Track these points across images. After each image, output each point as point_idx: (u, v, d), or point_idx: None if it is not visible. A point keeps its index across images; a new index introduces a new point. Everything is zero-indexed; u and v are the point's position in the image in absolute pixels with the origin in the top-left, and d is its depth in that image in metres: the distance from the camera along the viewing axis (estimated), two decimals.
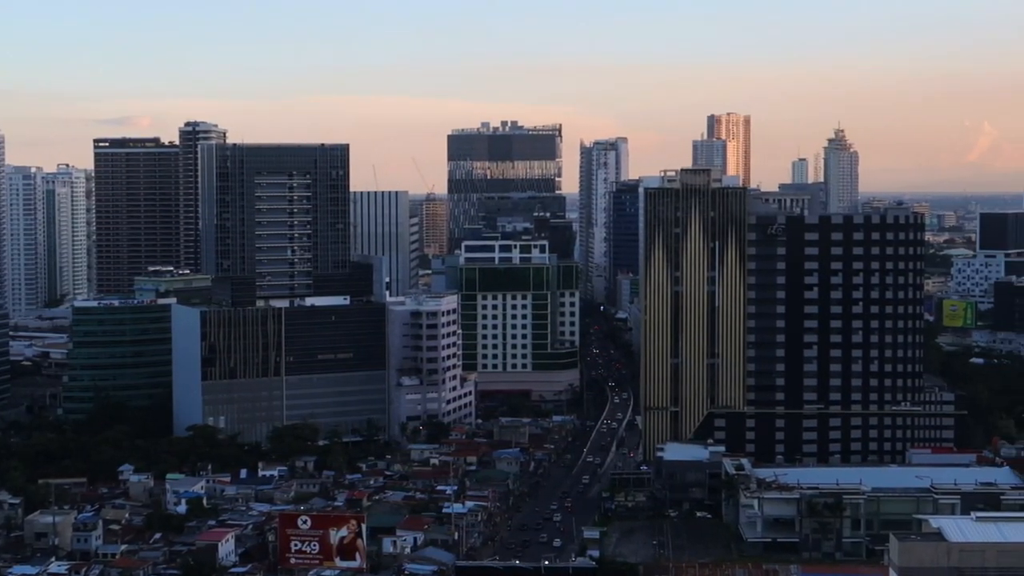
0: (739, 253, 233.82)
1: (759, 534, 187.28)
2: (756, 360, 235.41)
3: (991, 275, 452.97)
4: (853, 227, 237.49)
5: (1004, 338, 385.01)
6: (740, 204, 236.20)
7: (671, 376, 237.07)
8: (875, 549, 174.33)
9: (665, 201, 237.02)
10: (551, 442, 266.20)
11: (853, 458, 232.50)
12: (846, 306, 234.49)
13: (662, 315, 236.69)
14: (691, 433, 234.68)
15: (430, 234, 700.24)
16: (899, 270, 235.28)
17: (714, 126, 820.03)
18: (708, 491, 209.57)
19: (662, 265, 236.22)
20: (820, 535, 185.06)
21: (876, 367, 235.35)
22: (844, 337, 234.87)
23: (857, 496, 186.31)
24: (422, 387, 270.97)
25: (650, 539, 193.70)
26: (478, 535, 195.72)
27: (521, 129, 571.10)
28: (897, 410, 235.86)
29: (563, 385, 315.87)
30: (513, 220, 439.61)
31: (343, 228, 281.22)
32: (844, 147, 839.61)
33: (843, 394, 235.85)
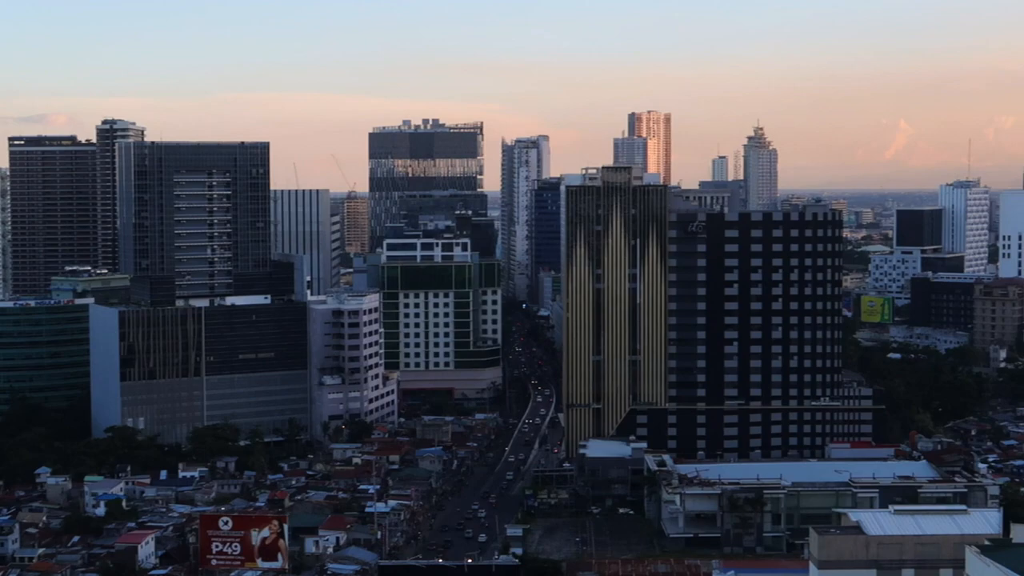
0: (660, 250, 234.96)
1: (681, 529, 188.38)
2: (677, 356, 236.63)
3: (908, 271, 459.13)
4: (772, 224, 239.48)
5: (921, 333, 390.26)
6: (661, 202, 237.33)
7: (593, 373, 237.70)
8: (795, 543, 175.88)
9: (586, 199, 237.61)
10: (474, 440, 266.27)
11: (774, 453, 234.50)
12: (766, 302, 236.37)
13: (584, 312, 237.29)
14: (613, 430, 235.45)
15: (351, 232, 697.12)
16: (818, 266, 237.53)
17: (635, 124, 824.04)
18: (630, 487, 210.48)
19: (584, 263, 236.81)
20: (741, 530, 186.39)
21: (796, 363, 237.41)
22: (764, 333, 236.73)
23: (777, 491, 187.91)
24: (344, 386, 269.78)
25: (573, 536, 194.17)
26: (401, 534, 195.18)
27: (443, 127, 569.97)
28: (816, 405, 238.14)
29: (486, 383, 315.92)
30: (435, 218, 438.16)
31: (263, 227, 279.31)
32: (763, 145, 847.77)
33: (763, 389, 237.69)
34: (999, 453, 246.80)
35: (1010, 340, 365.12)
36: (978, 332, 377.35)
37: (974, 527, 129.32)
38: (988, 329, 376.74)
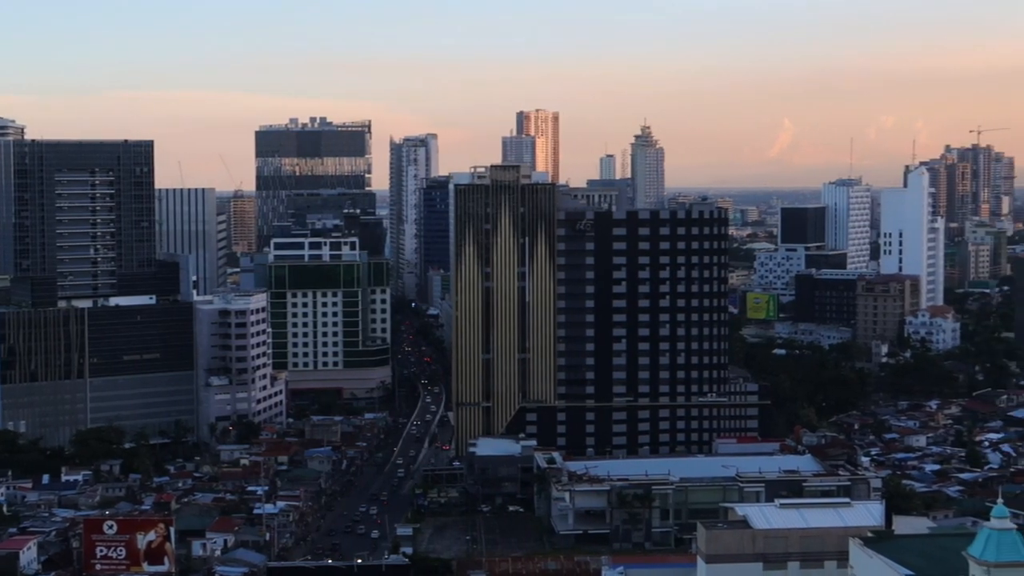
0: (549, 248, 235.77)
1: (571, 526, 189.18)
2: (566, 354, 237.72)
3: (792, 268, 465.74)
4: (660, 222, 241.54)
5: (805, 329, 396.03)
6: (549, 200, 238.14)
7: (482, 371, 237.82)
8: (683, 538, 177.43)
9: (475, 197, 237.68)
10: (363, 440, 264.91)
11: (662, 449, 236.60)
12: (653, 300, 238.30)
13: (473, 311, 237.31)
14: (503, 428, 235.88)
15: (238, 232, 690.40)
16: (704, 264, 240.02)
17: (523, 123, 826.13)
18: (520, 485, 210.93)
19: (473, 261, 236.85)
20: (630, 526, 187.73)
21: (683, 359, 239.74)
22: (652, 330, 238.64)
23: (666, 486, 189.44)
24: (231, 387, 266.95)
25: (463, 534, 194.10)
26: (290, 535, 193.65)
27: (330, 125, 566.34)
28: (703, 401, 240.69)
29: (375, 382, 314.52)
30: (323, 217, 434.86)
31: (148, 226, 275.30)
32: (650, 144, 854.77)
33: (651, 386, 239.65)
34: (881, 446, 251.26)
35: (891, 335, 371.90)
36: (860, 328, 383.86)
37: (857, 519, 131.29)
38: (870, 325, 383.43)
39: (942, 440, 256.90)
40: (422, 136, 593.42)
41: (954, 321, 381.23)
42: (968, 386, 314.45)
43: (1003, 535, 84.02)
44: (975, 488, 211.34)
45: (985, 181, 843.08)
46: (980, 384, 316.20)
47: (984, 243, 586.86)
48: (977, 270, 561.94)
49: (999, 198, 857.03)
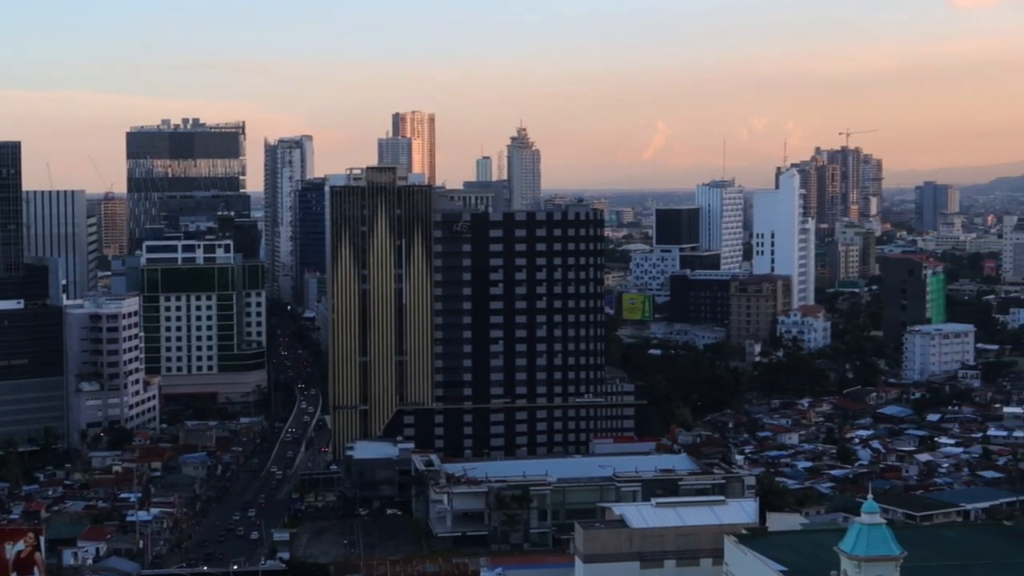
0: (426, 250, 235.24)
1: (449, 528, 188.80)
2: (444, 356, 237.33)
3: (667, 269, 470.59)
4: (536, 224, 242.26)
5: (680, 329, 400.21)
6: (426, 202, 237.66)
7: (360, 374, 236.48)
8: (561, 538, 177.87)
9: (351, 199, 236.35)
10: (239, 445, 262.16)
11: (539, 450, 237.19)
12: (530, 301, 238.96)
13: (350, 313, 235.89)
14: (380, 431, 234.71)
15: (109, 234, 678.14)
16: (580, 265, 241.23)
17: (399, 124, 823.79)
18: (398, 488, 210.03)
19: (349, 263, 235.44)
20: (508, 527, 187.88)
21: (560, 360, 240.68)
22: (529, 331, 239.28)
23: (543, 487, 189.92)
24: (103, 392, 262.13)
25: (341, 538, 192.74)
26: (164, 542, 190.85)
27: (203, 126, 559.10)
28: (580, 402, 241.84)
29: (250, 386, 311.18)
30: (196, 219, 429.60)
31: (15, 229, 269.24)
32: (526, 145, 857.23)
33: (528, 387, 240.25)
34: (755, 444, 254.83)
35: (764, 335, 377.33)
36: (734, 327, 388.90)
37: (732, 517, 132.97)
38: (743, 324, 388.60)
39: (814, 437, 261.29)
40: (297, 138, 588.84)
41: (825, 320, 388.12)
42: (839, 384, 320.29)
43: (873, 530, 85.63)
44: (846, 484, 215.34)
45: (854, 183, 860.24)
46: (850, 382, 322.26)
47: (853, 243, 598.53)
48: (847, 270, 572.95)
49: (868, 199, 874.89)
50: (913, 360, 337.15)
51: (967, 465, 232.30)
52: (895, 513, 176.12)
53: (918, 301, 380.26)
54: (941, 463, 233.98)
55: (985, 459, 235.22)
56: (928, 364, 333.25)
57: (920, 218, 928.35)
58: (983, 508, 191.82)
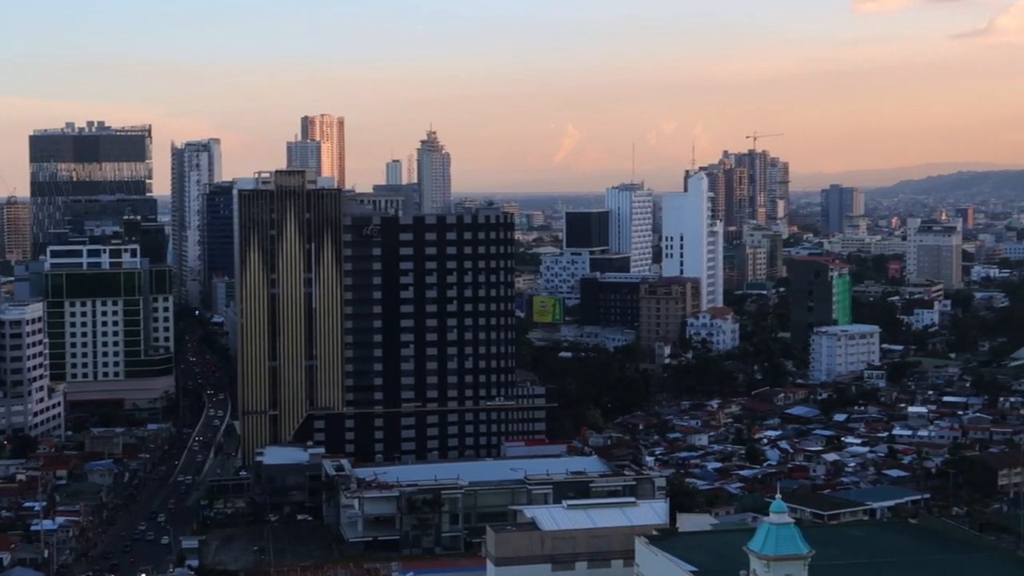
0: (335, 254, 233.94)
1: (360, 533, 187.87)
2: (354, 360, 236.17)
3: (577, 272, 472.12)
4: (446, 227, 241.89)
5: (590, 332, 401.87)
6: (335, 205, 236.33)
7: (269, 379, 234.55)
8: (473, 541, 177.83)
9: (260, 203, 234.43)
10: (146, 451, 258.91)
11: (451, 453, 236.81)
12: (441, 304, 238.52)
13: (259, 318, 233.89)
14: (290, 436, 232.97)
15: (12, 239, 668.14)
16: (491, 268, 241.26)
17: (308, 128, 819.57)
18: (308, 493, 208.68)
19: (258, 267, 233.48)
20: (420, 531, 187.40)
21: (471, 364, 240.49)
22: (439, 335, 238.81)
23: (455, 491, 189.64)
24: (6, 400, 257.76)
25: (251, 545, 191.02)
26: (70, 552, 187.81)
27: (108, 130, 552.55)
28: (491, 405, 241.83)
29: (158, 392, 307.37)
30: (102, 224, 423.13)
31: None
32: (437, 149, 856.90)
33: (440, 391, 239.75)
34: (665, 446, 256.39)
35: (674, 337, 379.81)
36: (644, 330, 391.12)
37: (643, 518, 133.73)
38: (653, 326, 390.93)
39: (723, 438, 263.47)
40: (204, 141, 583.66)
41: (733, 322, 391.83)
42: (747, 385, 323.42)
43: (781, 529, 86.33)
44: (755, 484, 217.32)
45: (761, 186, 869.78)
46: (758, 383, 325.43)
47: (761, 246, 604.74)
48: (754, 272, 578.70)
49: (775, 202, 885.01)
50: (820, 361, 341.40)
51: (873, 464, 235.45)
52: (803, 512, 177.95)
53: (824, 303, 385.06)
54: (847, 462, 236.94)
55: (890, 458, 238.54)
56: (834, 365, 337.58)
57: (826, 220, 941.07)
58: (889, 506, 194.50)
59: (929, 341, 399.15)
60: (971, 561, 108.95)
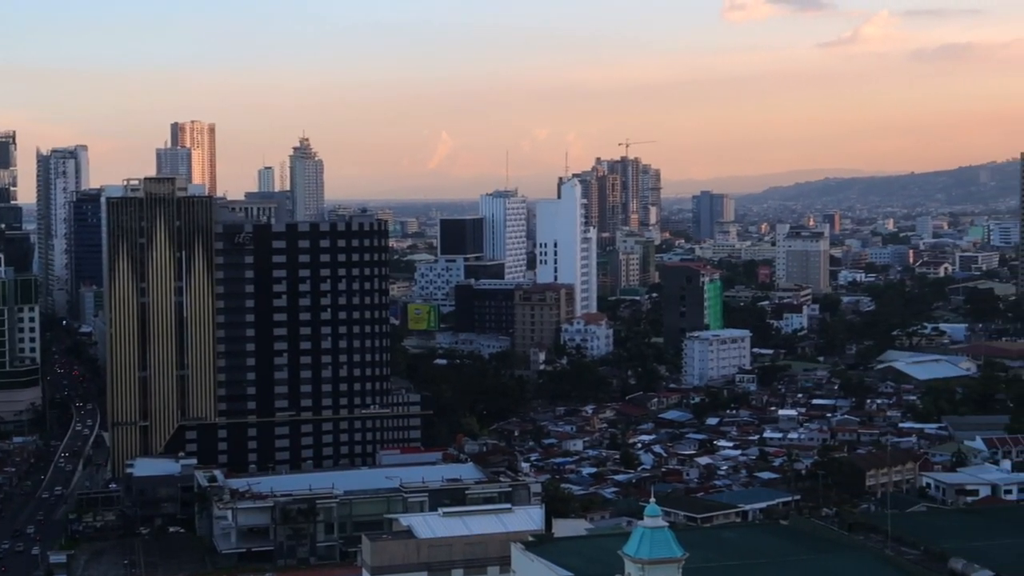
0: (207, 262, 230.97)
1: (234, 545, 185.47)
2: (227, 370, 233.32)
3: (452, 279, 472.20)
4: (319, 235, 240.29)
5: (465, 339, 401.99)
6: (206, 213, 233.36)
7: (139, 389, 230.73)
8: (349, 551, 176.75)
9: (129, 211, 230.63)
10: (12, 465, 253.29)
11: (326, 463, 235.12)
12: (314, 312, 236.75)
13: (128, 327, 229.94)
14: (162, 447, 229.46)
15: None
16: (365, 276, 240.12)
17: (178, 134, 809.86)
18: (181, 505, 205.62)
19: (127, 276, 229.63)
20: (295, 541, 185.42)
21: (345, 372, 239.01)
22: (313, 343, 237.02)
23: (330, 500, 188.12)
24: None
25: (121, 559, 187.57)
26: None
27: None
28: (366, 413, 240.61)
29: (24, 404, 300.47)
30: None
31: None
32: (309, 155, 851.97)
33: (314, 399, 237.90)
34: (541, 452, 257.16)
35: (548, 343, 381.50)
36: (519, 336, 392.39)
37: (518, 524, 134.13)
38: (528, 333, 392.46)
39: (598, 443, 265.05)
40: (71, 148, 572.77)
41: (607, 328, 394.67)
42: (621, 390, 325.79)
43: (655, 533, 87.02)
44: (629, 489, 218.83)
45: (634, 192, 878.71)
46: (632, 388, 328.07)
47: (634, 252, 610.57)
48: (628, 278, 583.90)
49: (647, 208, 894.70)
50: (692, 365, 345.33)
51: (745, 467, 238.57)
52: (677, 516, 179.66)
53: (696, 308, 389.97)
54: (720, 465, 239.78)
55: (762, 460, 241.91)
56: (707, 369, 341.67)
57: (697, 227, 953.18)
58: (760, 508, 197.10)
59: (798, 345, 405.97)
60: (840, 560, 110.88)
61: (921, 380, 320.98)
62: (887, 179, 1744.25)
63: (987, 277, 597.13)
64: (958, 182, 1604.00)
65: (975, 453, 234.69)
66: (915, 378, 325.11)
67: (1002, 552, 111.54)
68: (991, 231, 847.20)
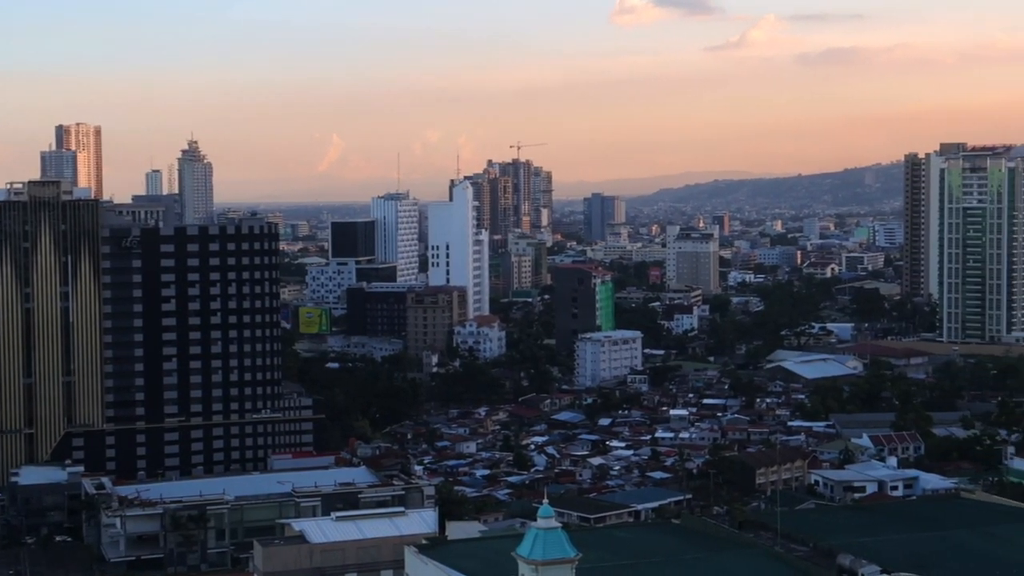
0: (93, 267, 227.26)
1: (122, 553, 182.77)
2: (114, 375, 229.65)
3: (343, 282, 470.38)
4: (209, 238, 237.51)
5: (357, 342, 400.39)
6: (92, 217, 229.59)
7: (24, 396, 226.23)
8: (241, 557, 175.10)
9: (12, 215, 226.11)
10: None
11: (217, 468, 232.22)
12: (204, 317, 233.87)
13: (12, 334, 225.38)
14: (47, 455, 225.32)
15: None
16: (255, 280, 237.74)
17: (63, 137, 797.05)
18: (68, 513, 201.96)
19: (11, 282, 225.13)
20: (185, 548, 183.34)
21: (236, 376, 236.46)
22: (203, 348, 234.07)
23: (221, 506, 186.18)
24: None
25: (6, 569, 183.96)
26: None
27: None
28: (257, 418, 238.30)
29: None
30: None
31: None
32: (198, 158, 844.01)
33: (204, 404, 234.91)
34: (434, 454, 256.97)
35: (441, 345, 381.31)
36: (411, 339, 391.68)
37: (412, 527, 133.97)
38: (421, 336, 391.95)
39: (491, 445, 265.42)
40: None
41: (500, 330, 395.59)
42: (514, 392, 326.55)
43: (549, 534, 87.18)
44: (523, 490, 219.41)
45: (526, 194, 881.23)
46: (525, 390, 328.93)
47: (526, 254, 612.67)
48: (520, 280, 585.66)
49: (539, 211, 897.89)
50: (585, 366, 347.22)
51: (637, 467, 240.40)
52: (570, 516, 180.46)
53: (588, 309, 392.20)
54: (613, 466, 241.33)
55: (654, 460, 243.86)
56: (599, 370, 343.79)
57: (589, 229, 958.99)
58: (653, 508, 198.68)
59: (689, 345, 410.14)
60: (730, 558, 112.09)
61: (809, 379, 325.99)
62: (775, 181, 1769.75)
63: (873, 277, 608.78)
64: (844, 184, 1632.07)
65: (862, 450, 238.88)
66: (803, 377, 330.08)
67: (888, 547, 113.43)
68: (876, 232, 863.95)
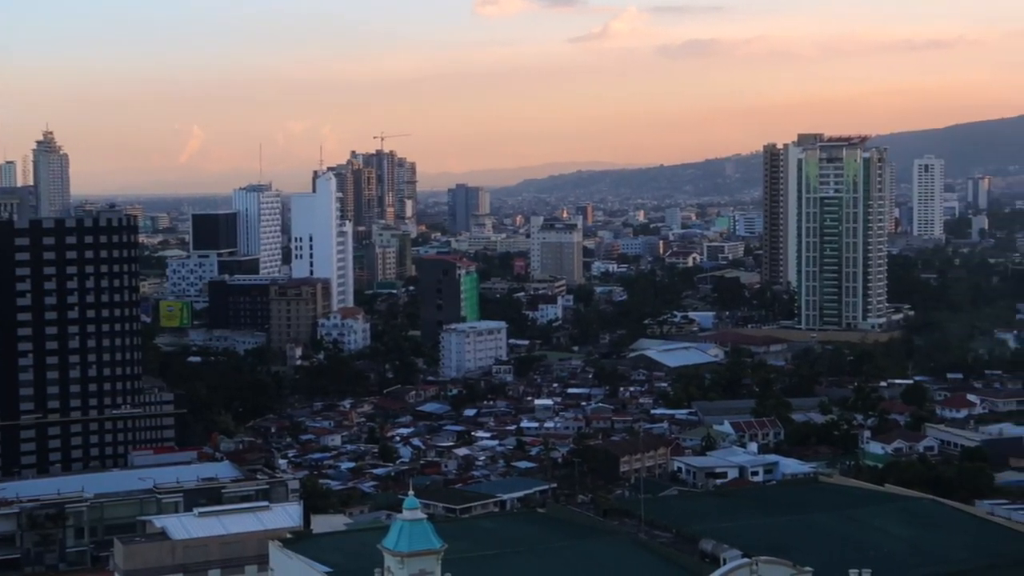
0: None
1: None
2: None
3: (205, 275, 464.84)
4: (65, 231, 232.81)
5: (220, 335, 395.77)
6: None
7: None
8: (101, 555, 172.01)
9: None
10: None
11: (75, 466, 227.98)
12: (61, 312, 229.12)
13: None
14: None
15: None
16: (114, 273, 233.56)
17: None
18: None
19: None
20: (43, 548, 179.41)
21: (94, 371, 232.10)
22: (60, 343, 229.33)
23: (79, 504, 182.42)
24: None
25: None
26: None
27: None
28: (117, 414, 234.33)
29: None
30: None
31: None
32: (54, 150, 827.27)
33: (62, 401, 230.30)
34: (298, 448, 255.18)
35: (305, 338, 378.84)
36: (275, 332, 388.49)
37: (276, 522, 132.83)
38: (284, 328, 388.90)
39: (356, 438, 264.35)
40: None
41: (364, 322, 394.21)
42: (379, 384, 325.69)
43: (414, 525, 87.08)
44: (388, 482, 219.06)
45: (390, 186, 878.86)
46: (390, 381, 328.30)
47: (390, 245, 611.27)
48: (384, 272, 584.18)
49: (403, 202, 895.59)
50: (450, 358, 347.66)
51: (503, 457, 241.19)
52: (436, 507, 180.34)
53: (453, 300, 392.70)
54: (478, 456, 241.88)
55: (519, 450, 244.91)
56: (464, 361, 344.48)
57: (453, 220, 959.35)
58: (518, 497, 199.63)
59: (553, 335, 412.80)
60: (595, 545, 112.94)
61: (671, 367, 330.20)
62: (637, 171, 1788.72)
63: (733, 266, 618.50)
64: (705, 174, 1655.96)
65: (723, 437, 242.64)
66: (666, 365, 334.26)
67: (749, 531, 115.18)
68: (736, 222, 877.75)
